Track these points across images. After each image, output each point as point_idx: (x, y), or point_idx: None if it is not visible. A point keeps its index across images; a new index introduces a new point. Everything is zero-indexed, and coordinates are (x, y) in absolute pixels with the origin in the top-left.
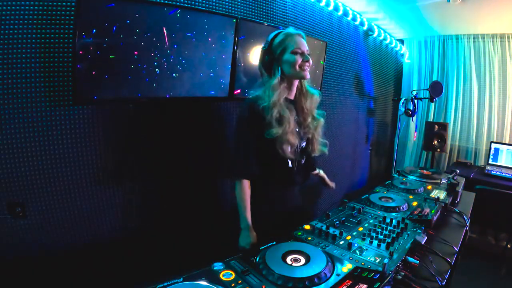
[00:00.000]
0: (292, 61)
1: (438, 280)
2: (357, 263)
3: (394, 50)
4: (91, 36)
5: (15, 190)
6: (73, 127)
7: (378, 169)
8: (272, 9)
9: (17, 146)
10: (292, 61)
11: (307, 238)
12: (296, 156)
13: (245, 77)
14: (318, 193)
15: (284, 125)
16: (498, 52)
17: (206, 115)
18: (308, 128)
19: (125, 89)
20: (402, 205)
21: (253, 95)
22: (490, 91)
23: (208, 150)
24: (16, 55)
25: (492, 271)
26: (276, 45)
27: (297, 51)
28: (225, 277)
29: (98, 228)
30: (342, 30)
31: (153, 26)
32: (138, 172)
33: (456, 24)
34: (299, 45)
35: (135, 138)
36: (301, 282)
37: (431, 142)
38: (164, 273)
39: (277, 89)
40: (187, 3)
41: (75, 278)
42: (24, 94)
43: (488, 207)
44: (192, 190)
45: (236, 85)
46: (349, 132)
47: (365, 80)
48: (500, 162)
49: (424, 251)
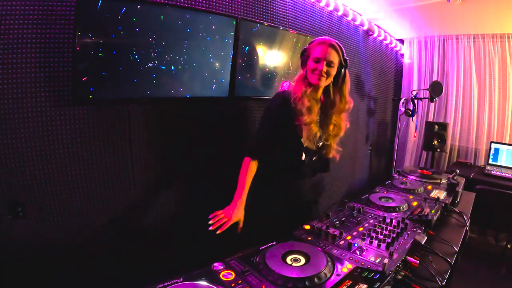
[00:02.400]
0: (310, 65)
1: (438, 280)
2: (357, 263)
3: (394, 50)
4: (91, 36)
5: (15, 190)
6: (73, 127)
7: (378, 169)
8: (272, 9)
9: (17, 146)
10: (310, 65)
11: (307, 238)
12: (310, 150)
13: (245, 77)
14: (318, 193)
15: (312, 114)
16: (498, 52)
17: (206, 115)
18: (327, 132)
19: (125, 89)
20: (402, 205)
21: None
22: (490, 91)
23: (208, 150)
24: (16, 55)
25: (492, 271)
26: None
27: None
28: (225, 277)
29: (98, 228)
30: (342, 30)
31: (153, 26)
32: (138, 172)
33: (456, 24)
34: (320, 53)
35: (135, 138)
36: (301, 282)
37: (431, 142)
38: (164, 273)
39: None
40: (187, 3)
41: (75, 278)
42: (24, 94)
43: (488, 207)
44: (192, 190)
45: (236, 85)
46: (349, 132)
47: (365, 80)
48: (500, 162)
49: (424, 251)
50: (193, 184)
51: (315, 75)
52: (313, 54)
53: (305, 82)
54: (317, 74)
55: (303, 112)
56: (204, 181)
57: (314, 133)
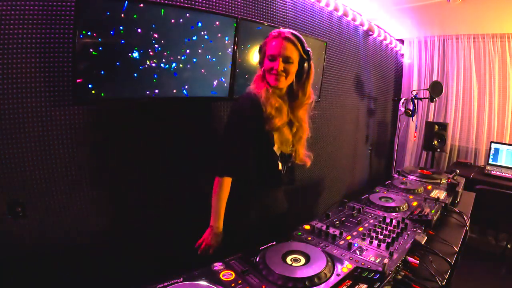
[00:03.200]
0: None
1: (438, 280)
2: (357, 263)
3: (394, 50)
4: (91, 36)
5: (15, 190)
6: (73, 127)
7: (378, 169)
8: (272, 9)
9: (17, 146)
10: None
11: (307, 238)
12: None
13: (245, 77)
14: (318, 193)
15: (283, 115)
16: (498, 52)
17: (206, 115)
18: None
19: (125, 89)
20: (402, 205)
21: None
22: (490, 91)
23: (208, 150)
24: (16, 55)
25: (492, 271)
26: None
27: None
28: (225, 277)
29: (98, 228)
30: (342, 30)
31: (153, 26)
32: (138, 172)
33: (456, 24)
34: (274, 49)
35: (135, 138)
36: (301, 282)
37: (431, 142)
38: (164, 273)
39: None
40: (187, 2)
41: (75, 278)
42: (24, 94)
43: (488, 207)
44: (192, 190)
45: (236, 85)
46: (349, 132)
47: (365, 80)
48: (500, 162)
49: (424, 251)
50: (193, 184)
51: (272, 75)
52: (268, 51)
53: (264, 82)
54: (274, 74)
55: (273, 114)
56: (204, 181)
57: (286, 138)
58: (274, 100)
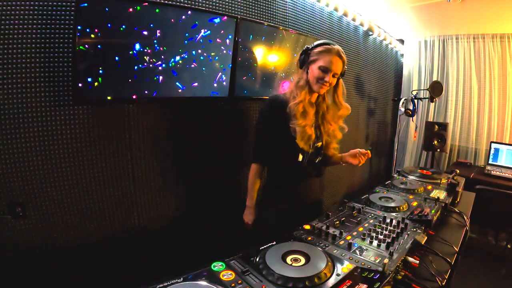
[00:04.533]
0: (315, 73)
1: (438, 280)
2: (357, 263)
3: (394, 50)
4: (91, 36)
5: (15, 190)
6: (73, 127)
7: (378, 169)
8: (272, 9)
9: (17, 146)
10: (315, 73)
11: (307, 238)
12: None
13: (245, 77)
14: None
15: (307, 119)
16: (498, 52)
17: (206, 115)
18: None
19: (125, 88)
20: (402, 205)
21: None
22: (490, 91)
23: (208, 150)
24: (16, 55)
25: (492, 271)
26: (315, 52)
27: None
28: (225, 277)
29: (98, 227)
30: (342, 30)
31: (153, 26)
32: (138, 172)
33: (456, 24)
34: (329, 64)
35: (135, 138)
36: (301, 282)
37: (431, 142)
38: (164, 273)
39: (304, 88)
40: (187, 2)
41: (75, 278)
42: (24, 94)
43: (488, 207)
44: (192, 190)
45: (236, 85)
46: (349, 132)
47: (365, 80)
48: (500, 162)
49: (424, 251)
50: (193, 184)
51: (320, 84)
52: (320, 62)
53: (306, 88)
54: (323, 84)
55: (298, 117)
56: (204, 181)
57: (309, 135)
58: (302, 105)
